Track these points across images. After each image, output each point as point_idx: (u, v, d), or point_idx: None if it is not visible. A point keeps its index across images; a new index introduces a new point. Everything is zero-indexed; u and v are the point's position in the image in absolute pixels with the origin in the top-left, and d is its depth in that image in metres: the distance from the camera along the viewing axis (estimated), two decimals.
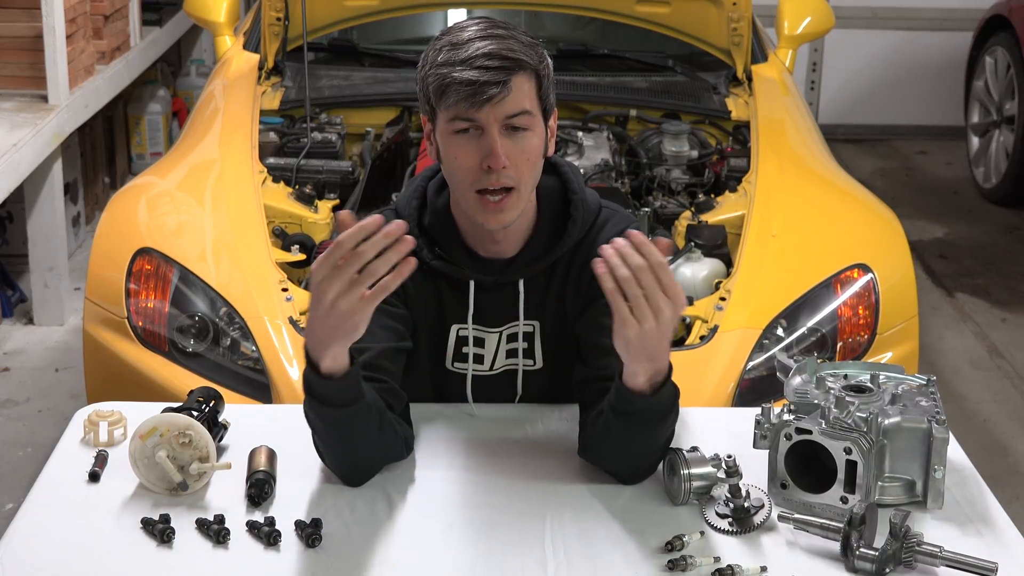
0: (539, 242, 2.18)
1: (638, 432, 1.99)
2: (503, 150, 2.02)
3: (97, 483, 2.02)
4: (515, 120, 2.03)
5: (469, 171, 2.05)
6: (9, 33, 4.70)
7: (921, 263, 5.64)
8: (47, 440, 3.83)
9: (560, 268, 2.20)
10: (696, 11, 4.28)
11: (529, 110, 2.04)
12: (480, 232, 2.16)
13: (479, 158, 2.03)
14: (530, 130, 2.05)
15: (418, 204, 2.21)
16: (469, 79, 1.99)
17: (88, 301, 3.15)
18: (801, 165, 3.82)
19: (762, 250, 3.25)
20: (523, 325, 2.21)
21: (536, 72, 2.06)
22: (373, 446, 2.02)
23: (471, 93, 2.00)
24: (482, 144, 2.03)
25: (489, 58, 2.00)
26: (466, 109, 2.01)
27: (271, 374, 2.89)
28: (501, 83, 2.00)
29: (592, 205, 2.21)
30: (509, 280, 2.19)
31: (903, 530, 1.82)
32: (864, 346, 3.06)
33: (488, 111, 2.01)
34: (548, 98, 2.10)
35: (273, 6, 4.14)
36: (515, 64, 2.01)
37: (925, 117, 7.68)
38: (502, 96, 2.00)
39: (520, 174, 2.05)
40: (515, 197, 2.06)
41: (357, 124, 4.12)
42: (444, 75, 2.02)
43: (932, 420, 1.96)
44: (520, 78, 2.02)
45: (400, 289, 2.14)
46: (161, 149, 6.30)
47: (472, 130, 2.03)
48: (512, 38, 2.05)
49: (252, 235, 3.27)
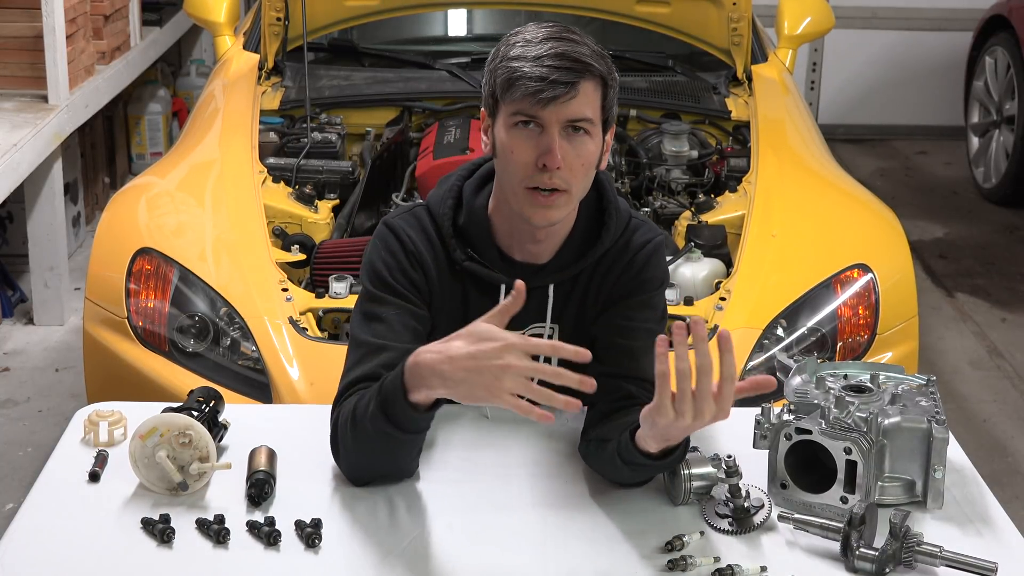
0: (572, 248, 2.18)
1: (642, 475, 2.01)
2: (560, 151, 2.02)
3: (97, 483, 2.02)
4: (576, 124, 2.03)
5: (524, 166, 2.04)
6: (9, 33, 4.70)
7: (921, 263, 5.64)
8: (47, 440, 3.83)
9: (586, 274, 2.20)
10: (696, 11, 4.28)
11: (591, 117, 2.04)
12: (518, 234, 2.15)
13: (536, 155, 2.03)
14: (589, 135, 2.06)
15: (453, 203, 2.19)
16: (539, 75, 2.00)
17: (88, 301, 3.15)
18: (801, 165, 3.83)
19: (762, 250, 3.25)
20: (546, 328, 2.21)
21: (604, 81, 2.06)
22: (405, 463, 2.03)
23: (538, 89, 2.00)
24: (541, 142, 2.03)
25: (561, 59, 2.01)
26: (531, 105, 2.01)
27: (271, 374, 2.89)
28: (569, 84, 2.00)
29: (624, 214, 2.22)
30: (539, 284, 2.18)
31: (903, 530, 1.82)
32: (864, 346, 3.06)
33: (552, 111, 2.01)
34: (611, 109, 2.10)
35: (273, 6, 4.14)
36: (585, 68, 2.02)
37: (925, 117, 7.68)
38: (569, 97, 2.01)
39: (573, 177, 2.05)
40: (565, 197, 2.07)
41: (357, 124, 4.12)
42: (514, 68, 2.02)
43: (932, 420, 1.96)
44: (588, 84, 2.03)
45: (426, 289, 2.15)
46: (161, 149, 6.30)
47: (533, 126, 2.03)
48: (584, 44, 2.06)
49: (252, 235, 3.27)
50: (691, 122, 4.11)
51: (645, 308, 2.16)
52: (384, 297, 2.12)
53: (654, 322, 2.17)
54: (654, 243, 2.21)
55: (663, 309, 2.22)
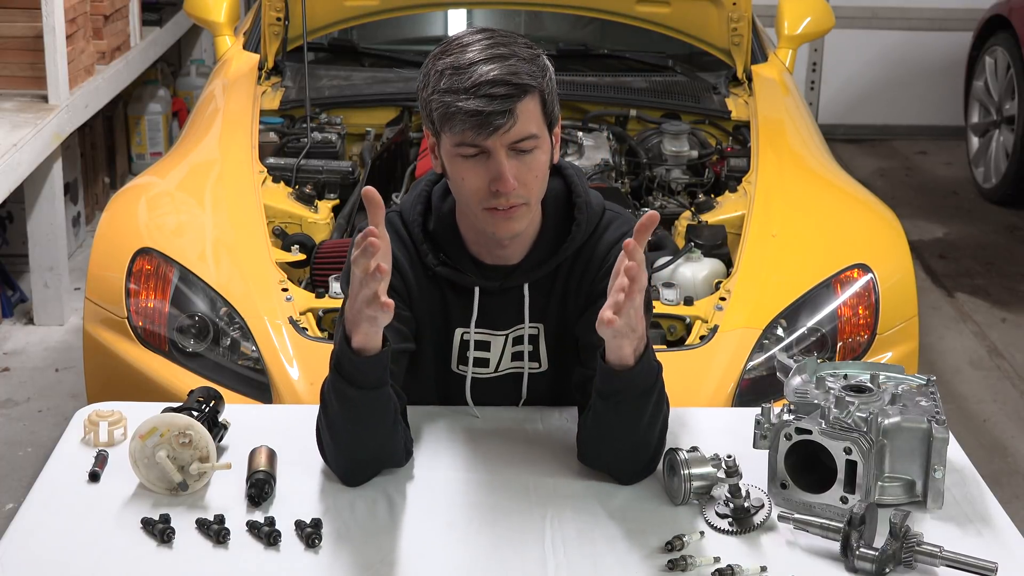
0: (544, 246, 2.18)
1: (626, 413, 1.99)
2: (511, 172, 2.01)
3: (97, 483, 2.02)
4: (522, 144, 2.02)
5: (477, 192, 2.04)
6: (9, 33, 4.70)
7: (921, 263, 5.64)
8: (47, 440, 3.83)
9: (563, 270, 2.20)
10: (696, 11, 4.28)
11: (536, 133, 2.03)
12: (486, 239, 2.15)
13: (487, 180, 2.02)
14: (538, 149, 2.04)
15: (422, 209, 2.20)
16: (475, 109, 1.97)
17: (88, 301, 3.15)
18: (801, 165, 3.82)
19: (762, 250, 3.25)
20: (528, 328, 2.21)
21: (541, 92, 2.03)
22: (382, 438, 2.02)
23: (477, 124, 1.97)
24: (490, 167, 2.01)
25: (494, 85, 1.97)
26: (473, 137, 1.99)
27: (271, 374, 2.89)
28: (507, 112, 1.98)
29: (596, 207, 2.20)
30: (514, 284, 2.19)
31: (903, 530, 1.82)
32: (864, 346, 3.06)
33: (494, 139, 1.99)
34: (553, 111, 2.08)
35: (273, 6, 4.14)
36: (520, 90, 1.99)
37: (925, 117, 7.68)
38: (509, 125, 1.98)
39: (529, 191, 2.05)
40: (525, 209, 2.06)
41: (357, 124, 4.12)
42: (448, 103, 1.99)
43: (932, 420, 1.96)
44: (526, 103, 2.00)
45: (405, 292, 2.16)
46: (161, 149, 6.31)
47: (479, 154, 2.02)
48: (514, 55, 2.01)
49: (252, 235, 3.27)
50: (691, 122, 4.11)
51: None
52: None
53: None
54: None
55: (648, 302, 2.19)
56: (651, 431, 2.02)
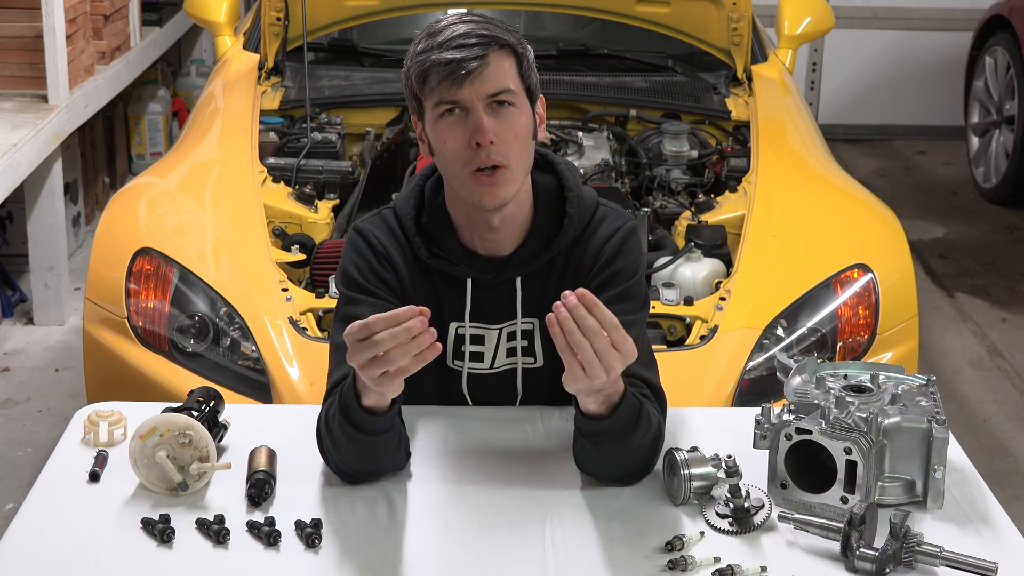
0: (536, 239, 2.19)
1: (610, 448, 2.00)
2: (490, 126, 2.04)
3: (97, 483, 2.02)
4: (499, 97, 2.05)
5: (459, 151, 2.06)
6: (9, 33, 4.70)
7: (921, 263, 5.64)
8: (47, 440, 3.83)
9: (557, 266, 2.20)
10: (696, 11, 4.28)
11: (511, 87, 2.07)
12: (475, 225, 2.16)
13: (467, 137, 2.05)
14: (515, 107, 2.07)
15: (416, 203, 2.22)
16: (448, 59, 2.03)
17: (88, 301, 3.15)
18: (801, 165, 3.82)
19: (762, 250, 3.25)
20: (521, 323, 2.22)
21: (515, 50, 2.09)
22: (386, 462, 2.05)
23: (451, 71, 2.02)
24: (468, 124, 2.05)
25: (465, 37, 2.04)
26: (448, 89, 2.04)
27: (271, 374, 2.89)
28: (479, 58, 2.03)
29: (589, 202, 2.21)
30: (506, 278, 2.19)
31: (903, 530, 1.82)
32: (864, 346, 3.06)
33: (470, 89, 2.03)
34: (530, 78, 2.12)
35: (273, 6, 4.14)
36: (491, 40, 2.05)
37: (925, 117, 7.68)
38: (480, 70, 2.03)
39: (509, 151, 2.07)
40: (507, 173, 2.07)
41: (357, 124, 4.12)
42: (423, 60, 2.05)
43: (932, 420, 1.96)
44: (498, 54, 2.05)
45: (398, 287, 2.17)
46: (161, 149, 6.31)
47: (458, 111, 2.06)
48: (488, 22, 2.08)
49: (252, 235, 3.27)
50: (691, 122, 4.11)
51: (622, 300, 2.13)
52: (358, 298, 2.15)
53: (634, 313, 2.15)
54: (624, 230, 2.20)
55: (644, 297, 2.20)
56: (640, 450, 2.03)
